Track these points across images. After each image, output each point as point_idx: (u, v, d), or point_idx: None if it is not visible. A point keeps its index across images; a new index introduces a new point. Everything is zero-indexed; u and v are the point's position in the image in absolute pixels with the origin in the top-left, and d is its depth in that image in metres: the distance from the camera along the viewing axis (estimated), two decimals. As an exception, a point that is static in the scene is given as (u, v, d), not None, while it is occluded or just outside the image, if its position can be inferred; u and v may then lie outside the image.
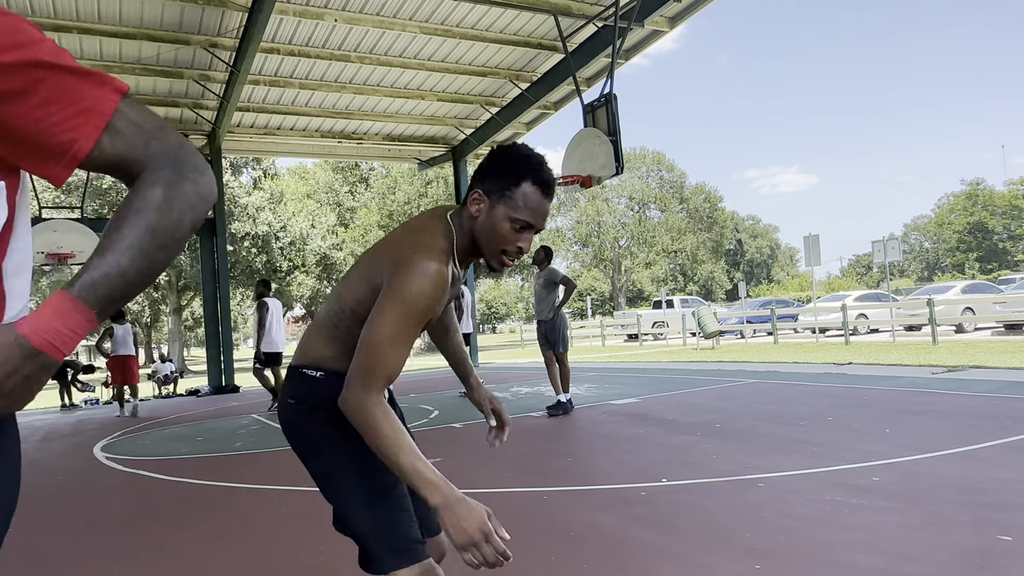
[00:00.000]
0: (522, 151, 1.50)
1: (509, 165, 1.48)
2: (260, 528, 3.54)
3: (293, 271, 34.28)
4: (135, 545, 3.43)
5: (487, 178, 1.49)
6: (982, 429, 4.68)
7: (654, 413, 6.53)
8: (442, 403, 8.64)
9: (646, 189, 45.04)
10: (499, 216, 1.47)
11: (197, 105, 12.35)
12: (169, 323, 34.65)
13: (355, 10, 9.87)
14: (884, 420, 5.29)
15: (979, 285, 19.67)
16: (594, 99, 9.82)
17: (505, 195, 1.47)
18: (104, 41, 9.87)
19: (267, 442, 6.42)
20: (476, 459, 4.96)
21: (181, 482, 4.86)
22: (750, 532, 2.89)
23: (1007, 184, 50.40)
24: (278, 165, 37.56)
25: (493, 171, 1.49)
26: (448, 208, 1.59)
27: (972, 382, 7.15)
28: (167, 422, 8.89)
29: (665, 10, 9.87)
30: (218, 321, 13.69)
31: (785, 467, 3.99)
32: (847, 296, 20.24)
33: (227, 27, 9.93)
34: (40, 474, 5.66)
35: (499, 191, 1.47)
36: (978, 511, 2.98)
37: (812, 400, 6.67)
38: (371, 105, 13.36)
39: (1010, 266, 46.56)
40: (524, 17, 10.52)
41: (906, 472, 3.72)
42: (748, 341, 20.33)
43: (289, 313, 54.16)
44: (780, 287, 59.93)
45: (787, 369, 9.97)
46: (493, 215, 1.48)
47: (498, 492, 3.95)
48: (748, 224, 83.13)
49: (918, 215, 69.94)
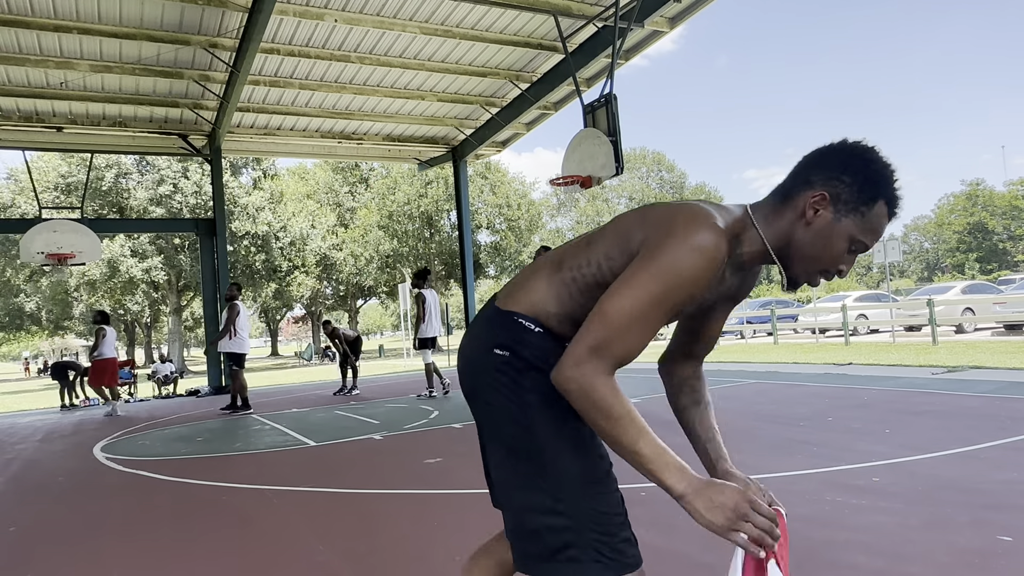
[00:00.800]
0: (886, 161, 1.25)
1: (873, 175, 1.23)
2: (260, 528, 3.54)
3: (293, 271, 34.31)
4: (135, 545, 3.43)
5: (839, 180, 1.23)
6: (982, 429, 4.68)
7: (654, 413, 6.51)
8: (442, 403, 8.64)
9: (646, 189, 45.06)
10: (842, 230, 1.23)
11: (197, 105, 12.35)
12: (169, 323, 34.66)
13: (355, 10, 9.87)
14: (884, 420, 5.29)
15: (979, 285, 19.67)
16: (594, 99, 9.82)
17: (859, 210, 1.22)
18: (104, 41, 9.87)
19: (267, 442, 6.42)
20: (476, 459, 4.94)
21: (181, 482, 4.86)
22: (750, 532, 2.89)
23: (1007, 184, 50.45)
24: (278, 165, 37.61)
25: (850, 175, 1.22)
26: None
27: (972, 382, 7.15)
28: (167, 422, 8.89)
29: (665, 10, 9.87)
30: (218, 321, 13.68)
31: (785, 467, 3.99)
32: (847, 296, 20.25)
33: (227, 27, 9.93)
34: (40, 474, 5.65)
35: (853, 203, 1.22)
36: (978, 511, 2.98)
37: (812, 400, 6.67)
38: (371, 105, 13.35)
39: (1010, 266, 46.58)
40: (524, 17, 10.52)
41: (906, 472, 3.72)
42: (748, 341, 20.33)
43: (289, 313, 54.27)
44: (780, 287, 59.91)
45: (787, 369, 9.97)
46: (835, 227, 1.23)
47: (498, 492, 3.95)
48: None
49: (918, 215, 69.94)
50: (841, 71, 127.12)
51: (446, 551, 2.95)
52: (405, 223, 33.20)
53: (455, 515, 3.53)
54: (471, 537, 3.13)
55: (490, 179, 34.33)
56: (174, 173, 29.49)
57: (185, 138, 13.43)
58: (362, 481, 4.49)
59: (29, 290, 33.78)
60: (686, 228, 1.15)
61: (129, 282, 29.68)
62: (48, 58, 10.19)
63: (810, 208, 1.23)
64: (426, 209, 32.63)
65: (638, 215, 1.28)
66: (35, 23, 9.21)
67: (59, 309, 34.84)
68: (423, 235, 33.88)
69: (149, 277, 29.93)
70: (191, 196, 29.16)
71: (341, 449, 5.81)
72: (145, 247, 29.92)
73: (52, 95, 11.29)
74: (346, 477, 4.68)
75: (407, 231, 33.39)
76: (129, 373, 15.12)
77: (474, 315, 6.71)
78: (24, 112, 11.97)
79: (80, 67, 10.40)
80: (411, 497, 3.98)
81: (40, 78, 10.84)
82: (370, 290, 39.93)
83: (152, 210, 29.26)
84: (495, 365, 1.30)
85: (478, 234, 34.40)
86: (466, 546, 3.00)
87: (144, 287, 31.45)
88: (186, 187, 29.22)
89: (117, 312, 34.41)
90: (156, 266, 29.71)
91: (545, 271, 1.33)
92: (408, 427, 6.73)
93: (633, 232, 1.24)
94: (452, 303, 29.45)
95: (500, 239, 35.09)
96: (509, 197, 34.48)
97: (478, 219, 33.67)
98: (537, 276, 1.34)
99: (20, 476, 5.61)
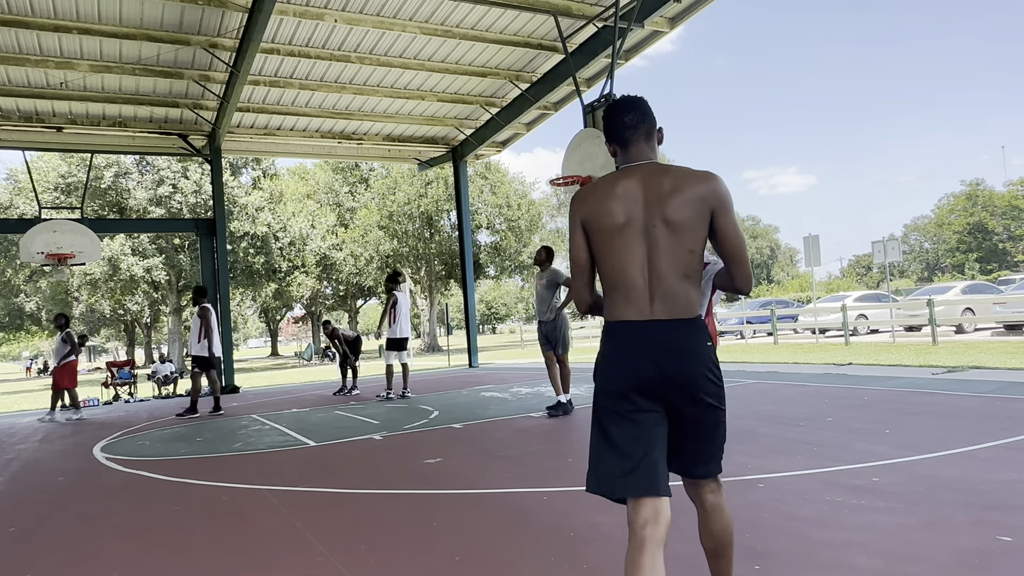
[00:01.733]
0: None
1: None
2: (260, 528, 3.54)
3: (293, 271, 34.31)
4: (135, 545, 3.43)
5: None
6: (982, 429, 4.68)
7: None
8: (442, 403, 8.64)
9: (646, 189, 45.06)
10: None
11: (197, 105, 12.35)
12: (169, 323, 34.66)
13: (355, 10, 9.87)
14: (884, 420, 5.29)
15: (979, 286, 19.68)
16: (594, 99, 9.82)
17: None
18: (104, 41, 9.88)
19: (267, 442, 6.42)
20: (476, 459, 4.95)
21: (181, 482, 4.86)
22: (750, 532, 2.89)
23: (1007, 184, 50.44)
24: (278, 165, 37.61)
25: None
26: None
27: (972, 382, 7.15)
28: (167, 422, 8.89)
29: (665, 10, 9.87)
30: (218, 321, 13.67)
31: (785, 467, 3.99)
32: (847, 297, 20.24)
33: (227, 27, 9.93)
34: (40, 474, 5.65)
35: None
36: (978, 511, 2.98)
37: (812, 400, 6.67)
38: (371, 105, 13.36)
39: (1010, 266, 46.58)
40: (524, 17, 10.53)
41: (906, 472, 3.72)
42: (748, 341, 20.33)
43: (289, 313, 54.28)
44: (780, 287, 59.92)
45: (787, 369, 9.97)
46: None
47: (498, 492, 3.95)
48: (748, 224, 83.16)
49: (918, 215, 69.99)
50: (839, 71, 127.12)
51: (446, 551, 2.95)
52: (405, 223, 33.19)
53: (455, 515, 3.53)
54: (471, 537, 3.14)
55: (490, 179, 34.32)
56: (174, 173, 29.49)
57: (185, 138, 13.43)
58: (362, 481, 4.49)
59: (29, 290, 33.78)
60: (721, 180, 1.92)
61: (130, 281, 29.67)
62: (48, 58, 10.20)
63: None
64: (426, 209, 32.63)
65: (674, 187, 1.88)
66: (35, 23, 9.21)
67: (59, 309, 34.85)
68: (423, 235, 33.88)
69: (150, 276, 29.93)
70: (191, 196, 29.16)
71: (341, 449, 5.81)
72: (146, 247, 29.93)
73: (52, 95, 11.29)
74: (346, 477, 4.68)
75: (407, 231, 33.38)
76: (129, 373, 15.11)
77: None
78: (24, 112, 11.97)
79: (80, 67, 10.40)
80: (411, 497, 3.98)
81: (40, 78, 10.84)
82: (370, 290, 39.93)
83: (152, 210, 29.27)
84: (717, 371, 2.00)
85: (478, 234, 34.39)
86: (466, 546, 3.00)
87: (144, 287, 31.46)
88: (186, 187, 29.22)
89: (117, 312, 34.42)
90: (157, 265, 29.71)
91: (681, 277, 1.86)
92: (408, 427, 6.73)
93: (695, 202, 1.85)
94: (452, 303, 29.43)
95: (500, 239, 35.08)
96: (509, 197, 34.47)
97: (478, 219, 33.66)
98: (684, 284, 1.86)
99: (20, 476, 5.61)
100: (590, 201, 1.91)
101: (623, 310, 1.85)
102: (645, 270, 1.83)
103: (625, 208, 1.85)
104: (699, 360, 1.86)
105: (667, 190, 1.84)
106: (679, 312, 1.83)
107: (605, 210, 1.87)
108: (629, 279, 1.84)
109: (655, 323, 1.82)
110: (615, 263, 1.86)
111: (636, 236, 1.84)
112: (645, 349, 1.82)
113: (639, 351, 1.82)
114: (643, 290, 1.83)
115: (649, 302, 1.83)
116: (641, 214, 1.84)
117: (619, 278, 1.86)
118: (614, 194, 1.87)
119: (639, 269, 1.83)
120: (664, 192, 1.84)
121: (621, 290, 1.86)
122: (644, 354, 1.81)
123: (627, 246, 1.84)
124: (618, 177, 1.91)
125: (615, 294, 1.88)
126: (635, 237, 1.84)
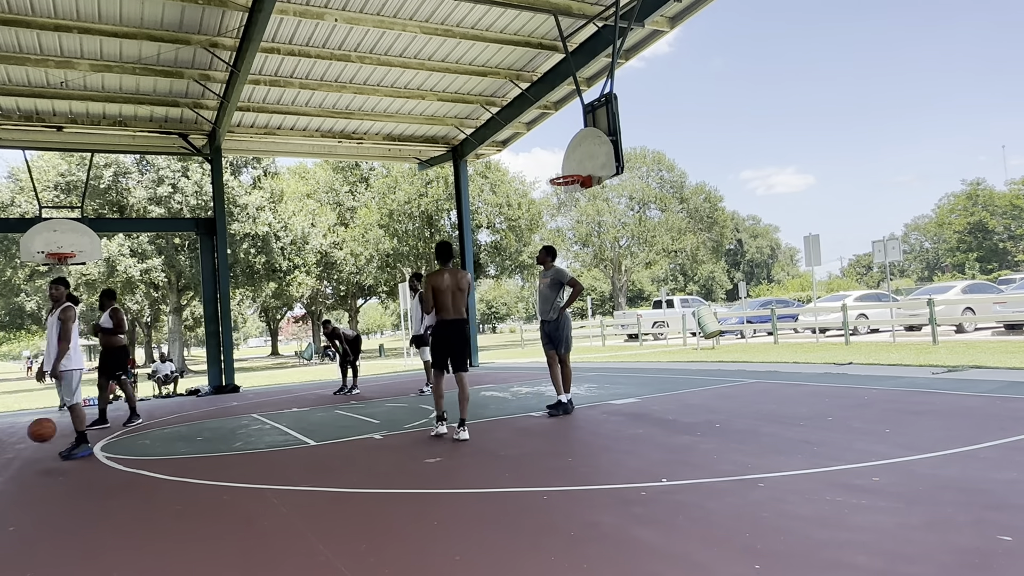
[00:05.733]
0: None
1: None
2: (260, 528, 3.54)
3: (293, 271, 34.30)
4: (135, 545, 3.43)
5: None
6: (982, 429, 4.68)
7: (654, 413, 6.53)
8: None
9: (646, 189, 45.03)
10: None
11: (197, 105, 12.35)
12: (169, 323, 34.66)
13: (355, 10, 9.88)
14: (884, 420, 5.29)
15: (979, 285, 19.67)
16: (594, 99, 9.81)
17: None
18: (104, 41, 9.88)
19: (267, 442, 6.42)
20: (476, 459, 4.95)
21: (181, 482, 4.86)
22: (750, 532, 2.89)
23: (1007, 184, 50.45)
24: (278, 165, 37.59)
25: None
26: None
27: (972, 382, 7.15)
28: (167, 422, 8.89)
29: (665, 10, 9.87)
30: (218, 321, 13.69)
31: (785, 467, 3.99)
32: (847, 296, 20.23)
33: (227, 27, 9.93)
34: (40, 474, 5.66)
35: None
36: (978, 511, 2.98)
37: (812, 400, 6.67)
38: (371, 105, 13.36)
39: (1010, 266, 46.59)
40: (524, 17, 10.53)
41: (906, 472, 3.72)
42: (748, 341, 20.33)
43: (289, 313, 54.31)
44: (780, 287, 59.96)
45: (787, 369, 9.97)
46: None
47: (498, 492, 3.95)
48: (748, 224, 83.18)
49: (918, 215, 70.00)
50: (838, 71, 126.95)
51: (446, 551, 2.95)
52: (405, 222, 33.18)
53: (455, 515, 3.53)
54: (471, 537, 3.14)
55: (490, 178, 34.31)
56: (174, 173, 29.47)
57: (185, 137, 13.44)
58: (362, 481, 4.49)
59: (29, 290, 33.77)
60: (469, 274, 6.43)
61: (127, 282, 29.66)
62: (48, 57, 10.20)
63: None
64: (426, 208, 32.62)
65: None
66: (35, 23, 9.21)
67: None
68: (423, 234, 33.86)
69: (148, 278, 29.92)
70: (191, 196, 29.14)
71: (341, 449, 5.82)
72: (145, 247, 29.91)
73: (52, 94, 11.29)
74: (346, 477, 4.68)
75: (407, 230, 33.38)
76: (129, 372, 15.10)
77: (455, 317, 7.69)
78: (24, 111, 11.97)
79: (80, 66, 10.41)
80: (411, 497, 3.98)
81: (40, 77, 10.84)
82: (370, 289, 39.94)
83: (152, 209, 29.25)
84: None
85: (478, 233, 34.39)
86: (466, 546, 3.00)
87: (143, 287, 31.44)
88: (186, 187, 29.20)
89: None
90: (155, 267, 29.69)
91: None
92: (408, 427, 6.74)
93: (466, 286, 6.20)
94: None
95: (500, 239, 35.08)
96: (509, 196, 34.46)
97: (478, 218, 33.66)
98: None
99: (20, 476, 5.62)
100: (434, 278, 5.95)
101: (443, 316, 6.02)
102: (450, 303, 5.97)
103: (447, 282, 5.97)
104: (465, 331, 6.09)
105: (459, 277, 6.02)
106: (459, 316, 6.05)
107: (441, 281, 5.94)
108: (445, 306, 5.97)
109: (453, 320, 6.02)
110: (442, 301, 5.97)
111: (449, 292, 5.97)
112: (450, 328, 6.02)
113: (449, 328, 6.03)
114: (450, 309, 5.96)
115: (452, 312, 6.00)
116: (451, 284, 5.97)
117: (441, 306, 5.98)
118: (444, 277, 5.93)
119: (450, 302, 5.98)
120: (458, 278, 6.01)
121: (443, 311, 5.98)
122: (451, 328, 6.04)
123: (447, 295, 5.96)
124: (443, 270, 6.00)
125: (442, 311, 6.00)
126: (449, 293, 5.98)
